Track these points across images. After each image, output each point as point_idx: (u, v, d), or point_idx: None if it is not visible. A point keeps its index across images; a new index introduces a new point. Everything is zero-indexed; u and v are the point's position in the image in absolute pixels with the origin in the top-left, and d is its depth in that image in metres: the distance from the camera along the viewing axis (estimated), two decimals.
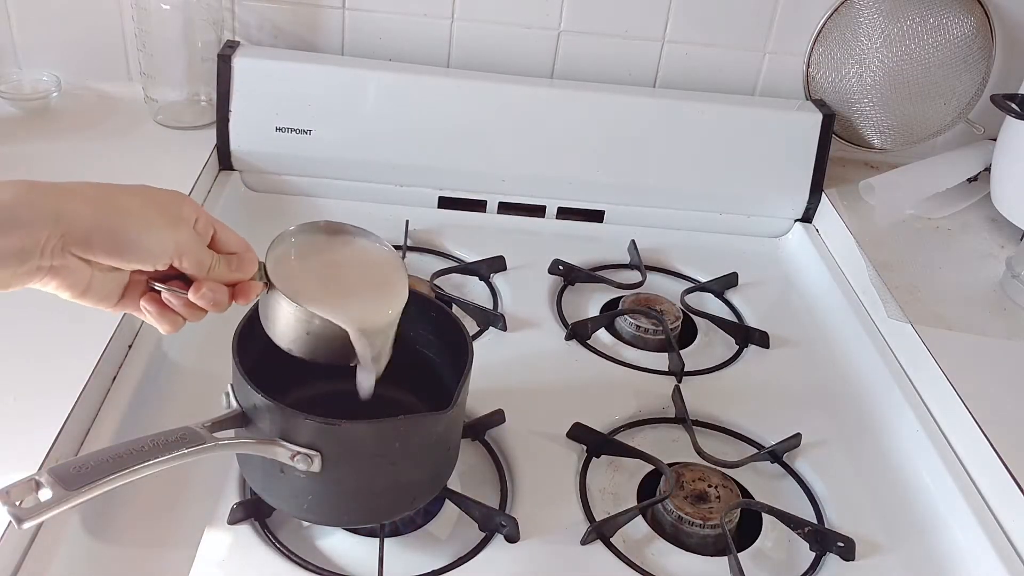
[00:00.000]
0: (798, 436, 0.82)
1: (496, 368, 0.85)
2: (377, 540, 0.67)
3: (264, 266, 0.60)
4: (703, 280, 1.06)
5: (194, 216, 0.56)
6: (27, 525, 0.49)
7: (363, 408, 0.67)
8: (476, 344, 0.71)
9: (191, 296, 0.56)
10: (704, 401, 0.86)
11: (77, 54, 1.16)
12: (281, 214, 1.09)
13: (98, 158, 1.05)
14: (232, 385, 0.63)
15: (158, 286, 0.56)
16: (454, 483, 0.72)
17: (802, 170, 1.15)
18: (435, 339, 0.73)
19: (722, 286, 1.06)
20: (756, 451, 0.81)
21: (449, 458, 0.69)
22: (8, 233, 0.48)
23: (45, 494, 0.50)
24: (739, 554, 0.69)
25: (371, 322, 0.62)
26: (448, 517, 0.71)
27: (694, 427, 0.82)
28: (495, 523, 0.70)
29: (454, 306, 0.93)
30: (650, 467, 0.78)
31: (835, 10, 1.16)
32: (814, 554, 0.73)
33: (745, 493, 0.77)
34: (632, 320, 0.95)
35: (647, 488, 0.78)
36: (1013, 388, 0.87)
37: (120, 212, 0.52)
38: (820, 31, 1.17)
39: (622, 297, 1.00)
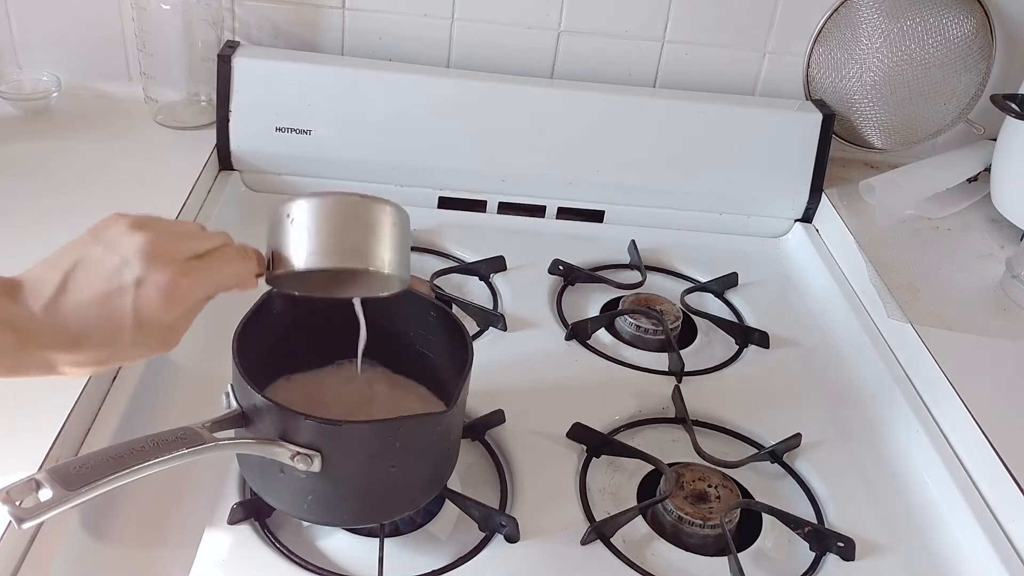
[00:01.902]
0: (798, 436, 0.82)
1: (496, 368, 0.85)
2: (377, 540, 0.67)
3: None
4: (703, 280, 1.06)
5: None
6: (27, 525, 0.49)
7: (363, 408, 0.67)
8: (476, 344, 0.71)
9: None
10: (704, 401, 0.86)
11: (77, 54, 1.16)
12: None
13: (98, 158, 1.05)
14: (232, 385, 0.63)
15: None
16: (454, 483, 0.72)
17: (802, 170, 1.15)
18: (435, 339, 0.73)
19: (722, 286, 1.06)
20: (756, 451, 0.81)
21: (449, 458, 0.69)
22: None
23: (45, 494, 0.50)
24: (739, 554, 0.69)
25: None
26: (448, 517, 0.71)
27: (694, 427, 0.82)
28: (495, 523, 0.70)
29: (454, 306, 0.93)
30: (650, 467, 0.78)
31: (835, 10, 1.16)
32: (814, 554, 0.73)
33: (745, 493, 0.77)
34: (632, 320, 0.95)
35: (647, 488, 0.78)
36: (1013, 388, 0.87)
37: (127, 357, 0.53)
38: (820, 31, 1.17)
39: (622, 297, 1.00)
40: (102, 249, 0.51)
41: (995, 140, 1.15)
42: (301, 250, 0.57)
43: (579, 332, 0.94)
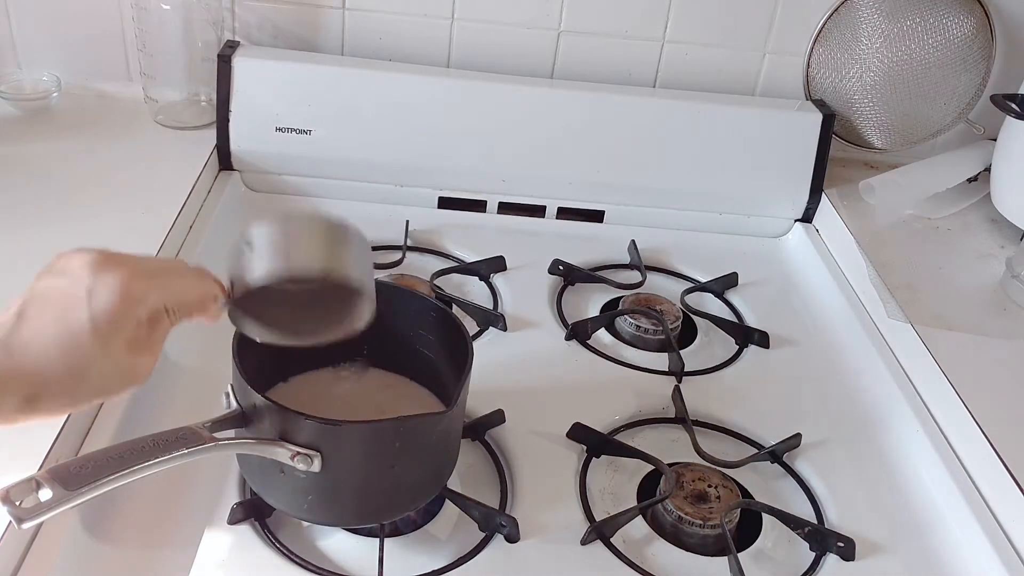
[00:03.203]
0: (798, 436, 0.82)
1: (496, 368, 0.85)
2: (377, 540, 0.67)
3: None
4: (703, 280, 1.06)
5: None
6: (27, 525, 0.49)
7: (363, 408, 0.67)
8: (476, 344, 0.71)
9: None
10: (704, 401, 0.86)
11: (77, 54, 1.16)
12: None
13: (98, 158, 1.05)
14: (232, 385, 0.63)
15: None
16: (454, 483, 0.72)
17: (802, 170, 1.15)
18: (435, 339, 0.73)
19: (722, 286, 1.06)
20: (756, 451, 0.81)
21: (449, 458, 0.69)
22: None
23: (45, 494, 0.50)
24: (739, 554, 0.69)
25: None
26: (448, 517, 0.71)
27: (694, 427, 0.82)
28: (495, 523, 0.70)
29: (454, 306, 0.93)
30: (650, 467, 0.78)
31: (835, 10, 1.16)
32: (814, 554, 0.73)
33: (745, 493, 0.77)
34: (632, 320, 0.95)
35: (647, 488, 0.78)
36: (1013, 388, 0.87)
37: (97, 387, 0.52)
38: (820, 31, 1.17)
39: (622, 297, 1.00)
40: (52, 276, 0.51)
41: (995, 140, 1.15)
42: (258, 267, 0.55)
43: (579, 332, 0.94)
